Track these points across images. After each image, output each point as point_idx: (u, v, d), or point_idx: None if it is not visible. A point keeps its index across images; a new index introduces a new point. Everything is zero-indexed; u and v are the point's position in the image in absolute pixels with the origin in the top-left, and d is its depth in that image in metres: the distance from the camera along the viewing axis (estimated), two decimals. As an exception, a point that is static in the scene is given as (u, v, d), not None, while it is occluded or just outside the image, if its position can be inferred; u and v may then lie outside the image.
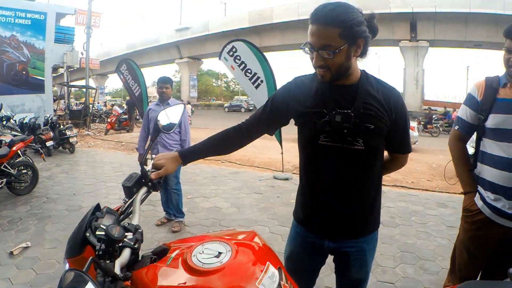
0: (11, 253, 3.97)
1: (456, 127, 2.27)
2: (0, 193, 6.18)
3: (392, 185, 7.37)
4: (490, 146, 2.02)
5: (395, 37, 32.39)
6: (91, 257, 1.02)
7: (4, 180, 5.99)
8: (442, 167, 9.09)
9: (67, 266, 1.30)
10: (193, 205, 5.85)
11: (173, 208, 4.87)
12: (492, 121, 2.00)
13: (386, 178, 7.75)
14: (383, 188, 6.28)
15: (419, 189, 7.15)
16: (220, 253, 1.18)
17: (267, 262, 1.21)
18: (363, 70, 1.59)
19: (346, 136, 1.51)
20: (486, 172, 2.05)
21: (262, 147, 11.71)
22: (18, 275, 3.55)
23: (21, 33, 15.13)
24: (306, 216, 1.74)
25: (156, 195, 5.27)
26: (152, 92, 47.26)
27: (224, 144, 1.78)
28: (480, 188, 2.11)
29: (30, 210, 5.52)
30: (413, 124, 13.62)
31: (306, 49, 1.48)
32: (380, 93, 1.54)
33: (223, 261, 1.14)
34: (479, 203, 2.08)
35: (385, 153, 1.75)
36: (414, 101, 31.81)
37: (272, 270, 1.19)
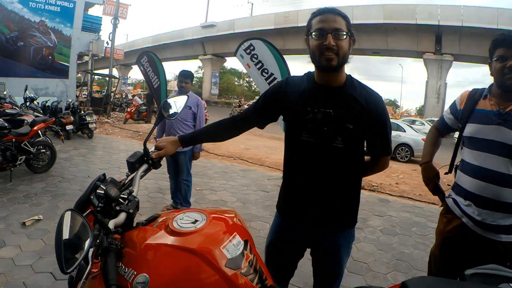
0: (24, 223, 4.23)
1: (436, 120, 2.55)
2: (18, 170, 6.48)
3: (398, 196, 7.41)
4: (467, 155, 2.13)
5: (420, 49, 32.16)
6: (90, 209, 1.25)
7: (24, 157, 6.27)
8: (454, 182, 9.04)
9: None
10: (201, 197, 6.03)
11: (180, 197, 5.06)
12: (468, 130, 2.12)
13: (393, 189, 7.83)
14: (389, 198, 6.31)
15: (425, 202, 7.15)
16: (196, 220, 1.36)
17: (235, 233, 1.37)
18: (349, 75, 1.73)
19: (326, 134, 1.64)
20: (463, 179, 2.15)
21: (275, 148, 11.83)
22: (28, 244, 3.79)
23: (50, 19, 15.54)
24: (286, 208, 1.88)
25: (165, 184, 5.46)
26: (174, 86, 47.69)
27: (219, 132, 1.97)
28: (455, 196, 2.19)
29: (46, 187, 5.80)
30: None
31: (314, 34, 1.62)
32: (362, 97, 1.66)
33: (197, 227, 1.32)
34: (457, 210, 2.14)
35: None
36: (433, 114, 31.48)
37: (238, 239, 1.35)
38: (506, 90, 1.99)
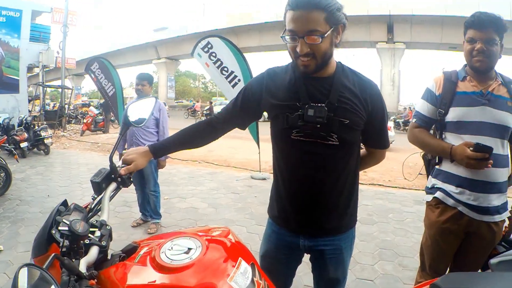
0: (-18, 257, 3.82)
1: (414, 120, 2.27)
2: (-29, 196, 5.96)
3: (369, 184, 7.51)
4: (453, 140, 2.05)
5: (372, 39, 32.83)
6: (53, 254, 0.98)
7: (-25, 182, 5.78)
8: (419, 165, 9.25)
9: None
10: (170, 206, 5.77)
11: (149, 209, 4.80)
12: (453, 114, 2.04)
13: (363, 177, 7.87)
14: (360, 187, 6.33)
15: (396, 187, 7.27)
16: (189, 249, 1.14)
17: (239, 258, 1.17)
18: (339, 62, 1.55)
19: (319, 131, 1.46)
20: (451, 166, 2.07)
21: (239, 147, 11.73)
22: (-10, 280, 3.41)
23: (-5, 31, 14.73)
24: (281, 213, 1.68)
25: (132, 196, 5.19)
26: (130, 93, 46.66)
27: (195, 138, 1.74)
28: (443, 185, 2.13)
29: (3, 213, 5.34)
30: (389, 123, 13.77)
31: (287, 37, 1.41)
32: (356, 86, 1.50)
33: (193, 257, 1.09)
34: (450, 201, 2.08)
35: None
36: (390, 101, 32.28)
37: (245, 266, 1.15)
38: (475, 71, 2.02)
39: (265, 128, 1.81)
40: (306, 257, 1.79)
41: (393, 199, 6.28)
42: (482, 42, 1.92)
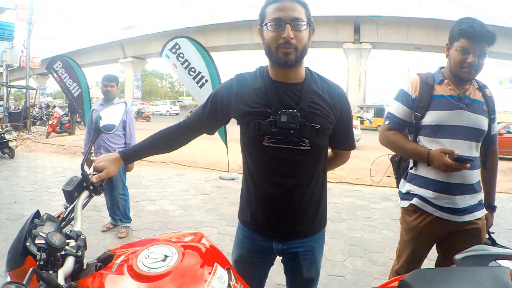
0: None
1: (387, 122, 2.20)
2: None
3: (337, 182, 7.66)
4: (429, 144, 2.03)
5: (339, 39, 33.42)
6: (32, 268, 0.97)
7: None
8: (385, 163, 9.47)
9: (8, 279, 1.22)
10: (139, 209, 5.71)
11: (119, 213, 4.74)
12: (430, 118, 2.02)
13: (331, 175, 8.00)
14: (329, 185, 6.46)
15: (364, 184, 7.44)
16: (166, 256, 1.14)
17: (215, 263, 1.18)
18: (307, 67, 1.59)
19: (292, 137, 1.48)
20: (427, 170, 2.06)
21: (208, 148, 11.70)
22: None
23: (-45, 29, 14.09)
24: (252, 218, 1.69)
25: (101, 200, 5.10)
26: (96, 93, 45.57)
27: (165, 143, 1.75)
28: (419, 190, 2.10)
29: (-33, 221, 5.12)
30: (355, 122, 14.08)
31: (269, 25, 1.44)
32: (325, 91, 1.55)
33: (170, 265, 1.10)
34: (428, 208, 2.07)
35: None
36: (357, 100, 32.92)
37: (221, 271, 1.17)
38: (459, 80, 2.01)
39: (233, 129, 1.81)
40: (279, 257, 1.82)
41: (361, 197, 6.44)
42: (475, 55, 1.89)
